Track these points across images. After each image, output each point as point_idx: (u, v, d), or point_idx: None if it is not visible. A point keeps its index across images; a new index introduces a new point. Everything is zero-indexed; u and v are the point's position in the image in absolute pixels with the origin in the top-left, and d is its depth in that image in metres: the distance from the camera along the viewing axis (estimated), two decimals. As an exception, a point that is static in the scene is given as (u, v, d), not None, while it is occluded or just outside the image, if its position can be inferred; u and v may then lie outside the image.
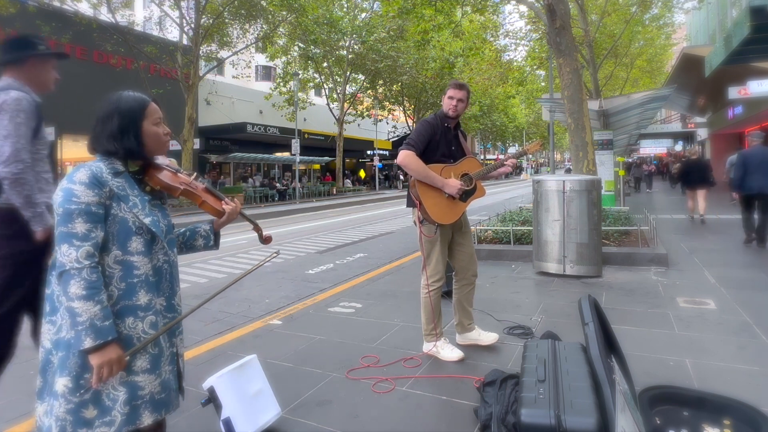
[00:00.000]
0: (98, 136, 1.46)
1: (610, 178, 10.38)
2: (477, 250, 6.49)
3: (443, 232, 3.07)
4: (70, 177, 1.37)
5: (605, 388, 1.69)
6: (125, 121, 1.46)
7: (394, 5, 11.51)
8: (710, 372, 2.76)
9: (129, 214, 1.41)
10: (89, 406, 1.32)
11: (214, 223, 1.76)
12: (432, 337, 3.14)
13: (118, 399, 1.35)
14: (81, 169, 1.38)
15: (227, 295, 5.23)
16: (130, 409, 1.36)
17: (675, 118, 33.72)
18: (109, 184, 1.39)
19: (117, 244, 1.39)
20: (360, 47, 25.09)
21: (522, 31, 20.03)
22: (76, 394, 1.31)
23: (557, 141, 38.11)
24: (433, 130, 2.99)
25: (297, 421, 2.39)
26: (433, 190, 2.94)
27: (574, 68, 7.35)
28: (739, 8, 18.21)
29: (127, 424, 1.35)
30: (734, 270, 5.37)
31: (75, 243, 1.30)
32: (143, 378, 1.40)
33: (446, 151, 3.05)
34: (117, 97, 1.49)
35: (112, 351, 1.30)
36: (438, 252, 3.07)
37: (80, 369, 1.32)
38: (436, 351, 3.10)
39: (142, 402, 1.39)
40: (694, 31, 30.85)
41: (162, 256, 1.50)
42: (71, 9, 17.52)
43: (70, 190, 1.33)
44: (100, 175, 1.38)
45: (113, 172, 1.42)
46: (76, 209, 1.32)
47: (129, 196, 1.43)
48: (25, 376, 3.14)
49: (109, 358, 1.30)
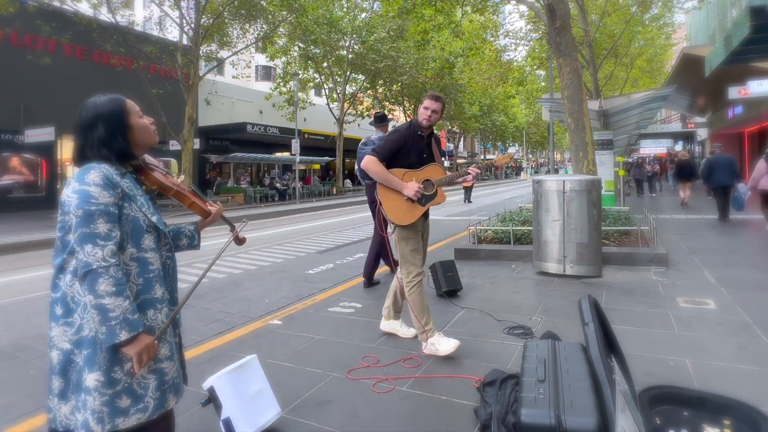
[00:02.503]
0: (86, 146, 1.47)
1: (610, 178, 10.39)
2: (477, 250, 6.58)
3: (415, 231, 3.22)
4: (81, 179, 1.38)
5: (605, 388, 1.69)
6: (111, 124, 1.48)
7: (394, 5, 11.51)
8: (710, 372, 2.76)
9: (139, 213, 1.46)
10: (123, 396, 1.39)
11: (198, 224, 1.83)
12: (428, 335, 3.17)
13: (149, 386, 1.44)
14: (92, 171, 1.39)
15: (227, 295, 5.24)
16: (161, 394, 1.47)
17: (675, 118, 33.72)
18: (120, 184, 1.43)
19: (132, 242, 1.44)
20: (360, 47, 25.06)
21: (522, 31, 20.04)
22: (109, 386, 1.37)
23: (557, 141, 38.12)
24: (403, 140, 3.19)
25: (297, 421, 2.39)
26: (393, 193, 3.15)
27: (574, 68, 7.35)
28: (739, 8, 18.21)
29: (158, 408, 1.46)
30: (734, 270, 5.37)
31: (99, 242, 1.33)
32: (167, 365, 1.50)
33: (417, 157, 3.22)
34: (92, 104, 1.49)
35: (145, 339, 1.38)
36: (411, 248, 3.21)
37: (110, 363, 1.37)
38: (435, 349, 3.12)
39: (168, 386, 1.50)
40: (694, 31, 30.87)
41: (166, 252, 1.57)
42: (71, 9, 17.52)
43: (87, 191, 1.36)
44: (111, 176, 1.41)
45: (119, 173, 1.46)
46: (96, 210, 1.35)
47: (137, 195, 1.48)
48: (25, 376, 3.15)
49: (145, 344, 1.38)
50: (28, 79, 17.15)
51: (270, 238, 10.19)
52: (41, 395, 2.80)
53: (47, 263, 7.82)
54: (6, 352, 3.63)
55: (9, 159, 17.58)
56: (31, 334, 4.06)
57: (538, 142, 62.34)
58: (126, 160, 1.52)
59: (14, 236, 10.26)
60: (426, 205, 3.18)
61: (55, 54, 17.84)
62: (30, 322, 4.43)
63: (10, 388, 2.97)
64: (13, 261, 8.27)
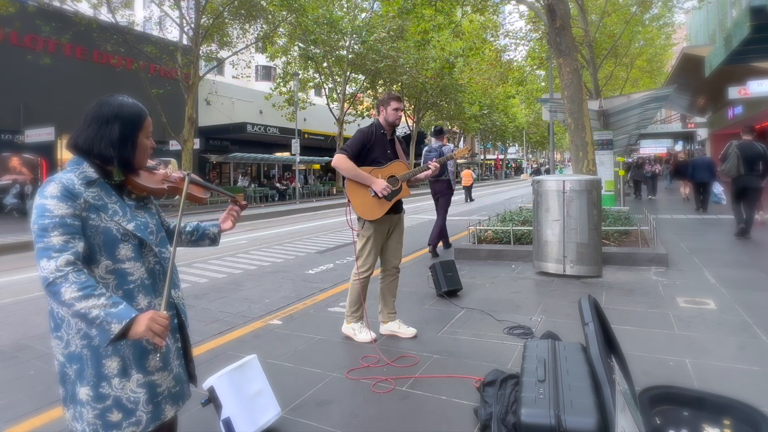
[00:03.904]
0: (93, 138, 1.40)
1: (610, 178, 10.39)
2: (477, 250, 6.58)
3: (380, 230, 3.43)
4: (42, 192, 1.32)
5: (605, 388, 1.69)
6: (127, 130, 1.43)
7: (394, 5, 11.51)
8: (710, 372, 2.76)
9: (111, 222, 1.38)
10: (113, 411, 1.36)
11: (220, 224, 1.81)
12: (352, 320, 3.50)
13: (139, 400, 1.39)
14: (51, 184, 1.33)
15: (227, 295, 5.24)
16: (154, 407, 1.42)
17: (675, 118, 33.72)
18: (83, 195, 1.34)
19: (106, 254, 1.37)
20: (360, 47, 25.06)
21: (522, 31, 20.05)
22: (98, 401, 1.35)
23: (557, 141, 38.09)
24: (367, 138, 3.39)
25: (297, 421, 2.39)
26: (360, 190, 3.35)
27: (574, 68, 7.35)
28: (739, 8, 18.21)
29: (153, 420, 1.42)
30: (734, 270, 5.37)
31: (53, 255, 1.26)
32: (159, 376, 1.44)
33: (382, 154, 3.43)
34: (118, 102, 1.44)
35: (143, 318, 1.28)
36: (371, 246, 3.41)
37: (97, 378, 1.35)
38: (353, 333, 3.47)
39: (162, 398, 1.45)
40: (694, 31, 30.87)
41: (152, 258, 1.48)
42: (71, 9, 17.53)
43: (43, 205, 1.30)
44: (71, 187, 1.33)
45: (86, 182, 1.37)
46: (50, 223, 1.28)
47: (107, 204, 1.39)
48: (25, 376, 3.15)
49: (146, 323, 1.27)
50: (28, 79, 17.15)
51: (270, 238, 10.19)
52: (41, 395, 2.81)
53: (47, 263, 7.83)
54: (6, 352, 3.63)
55: (9, 159, 17.58)
56: (31, 334, 4.06)
57: (538, 142, 62.29)
58: (125, 169, 1.45)
59: (14, 236, 10.26)
60: (392, 200, 3.38)
61: (55, 54, 17.84)
62: (30, 322, 4.43)
63: (10, 388, 2.97)
64: (13, 261, 8.27)
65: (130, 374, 1.38)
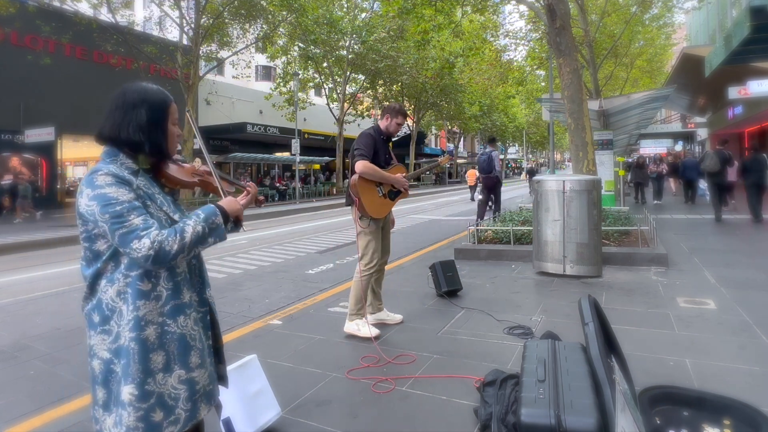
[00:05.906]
0: (120, 124, 1.34)
1: (610, 178, 10.39)
2: (477, 250, 6.58)
3: (378, 227, 3.60)
4: (92, 184, 1.27)
5: (605, 388, 1.69)
6: (156, 114, 1.38)
7: (394, 5, 11.51)
8: (710, 372, 2.76)
9: (160, 213, 1.35)
10: (156, 410, 1.31)
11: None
12: (356, 317, 3.57)
13: (179, 397, 1.36)
14: (98, 174, 1.28)
15: (227, 295, 5.24)
16: (192, 405, 1.39)
17: (675, 118, 33.70)
18: (135, 182, 1.31)
19: None
20: (360, 47, 25.05)
21: (522, 31, 20.04)
22: (142, 400, 1.30)
23: (557, 141, 38.10)
24: (374, 141, 3.56)
25: (297, 421, 2.39)
26: (371, 190, 3.52)
27: (574, 68, 7.35)
28: (739, 8, 18.21)
29: (190, 419, 1.38)
30: (734, 270, 5.37)
31: (141, 234, 1.24)
32: (198, 373, 1.41)
33: (383, 158, 3.64)
34: (143, 88, 1.40)
35: (225, 202, 1.42)
36: (373, 244, 3.58)
37: (143, 374, 1.30)
38: (357, 329, 3.54)
39: (199, 396, 1.41)
40: (694, 31, 30.85)
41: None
42: (71, 9, 17.51)
43: (104, 195, 1.25)
44: (121, 174, 1.29)
45: (131, 171, 1.33)
46: (123, 209, 1.25)
47: (155, 194, 1.37)
48: (25, 376, 3.15)
49: (229, 201, 1.44)
50: (28, 79, 17.15)
51: (270, 238, 10.19)
52: (41, 395, 2.81)
53: (47, 263, 7.83)
54: (6, 352, 3.63)
55: (9, 159, 17.58)
56: (31, 334, 4.06)
57: (538, 142, 62.27)
58: (156, 155, 1.40)
59: (14, 236, 10.26)
60: (395, 200, 3.66)
61: (55, 54, 17.83)
62: (30, 322, 4.43)
63: (10, 388, 2.97)
64: (13, 261, 8.27)
65: (172, 369, 1.34)
